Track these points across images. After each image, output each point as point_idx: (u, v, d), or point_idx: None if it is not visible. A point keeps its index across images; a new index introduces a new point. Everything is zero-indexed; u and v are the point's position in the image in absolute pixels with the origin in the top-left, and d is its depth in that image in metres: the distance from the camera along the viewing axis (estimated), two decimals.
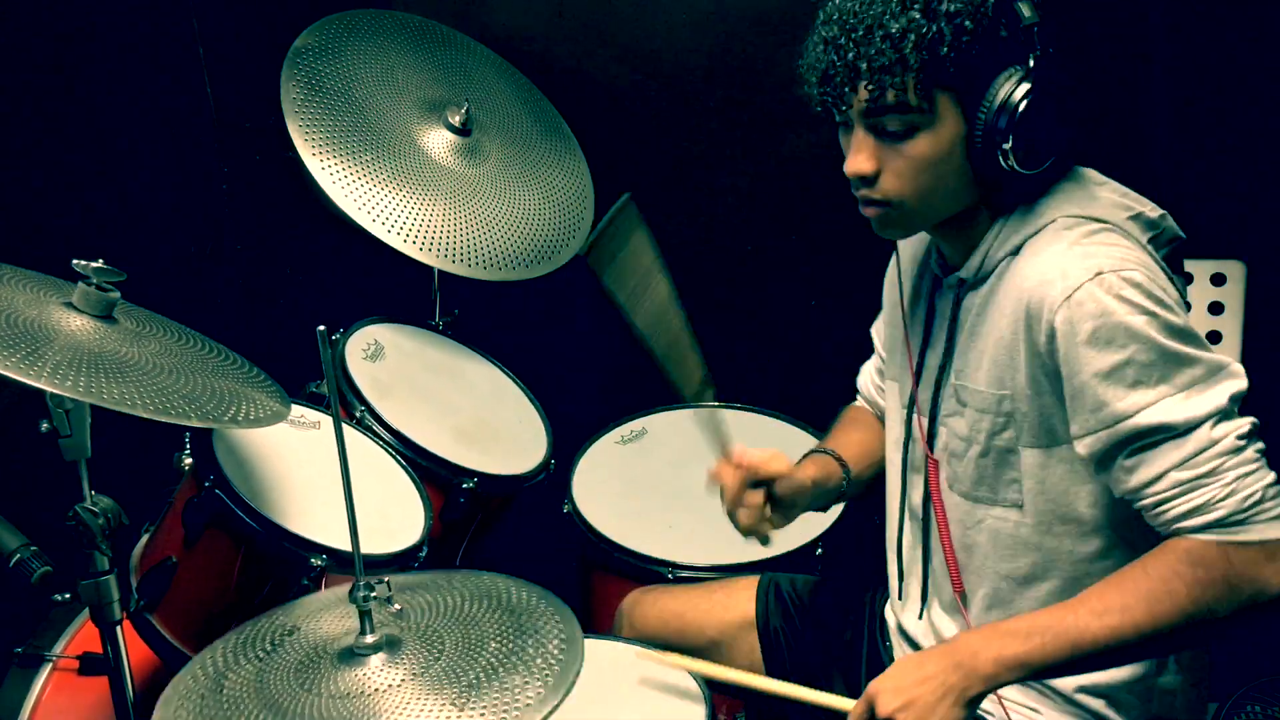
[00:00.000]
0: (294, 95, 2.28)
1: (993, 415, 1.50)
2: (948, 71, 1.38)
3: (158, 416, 1.51)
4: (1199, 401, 1.36)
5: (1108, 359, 1.37)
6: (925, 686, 1.40)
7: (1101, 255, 1.39)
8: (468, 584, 1.53)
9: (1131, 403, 1.37)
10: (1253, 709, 2.31)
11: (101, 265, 1.64)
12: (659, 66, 2.77)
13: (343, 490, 1.38)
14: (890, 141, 1.43)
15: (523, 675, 1.33)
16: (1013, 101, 1.39)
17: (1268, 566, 1.35)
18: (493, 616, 1.45)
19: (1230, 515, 1.35)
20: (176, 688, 1.40)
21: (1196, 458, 1.35)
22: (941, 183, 1.45)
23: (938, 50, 1.37)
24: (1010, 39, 1.39)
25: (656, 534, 2.16)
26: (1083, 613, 1.39)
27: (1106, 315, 1.36)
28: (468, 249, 2.32)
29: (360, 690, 1.33)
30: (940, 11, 1.37)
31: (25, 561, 1.64)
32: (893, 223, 1.51)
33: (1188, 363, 1.36)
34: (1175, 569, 1.36)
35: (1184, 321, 1.39)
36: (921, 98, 1.39)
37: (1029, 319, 1.42)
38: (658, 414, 2.49)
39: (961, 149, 1.43)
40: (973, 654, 1.41)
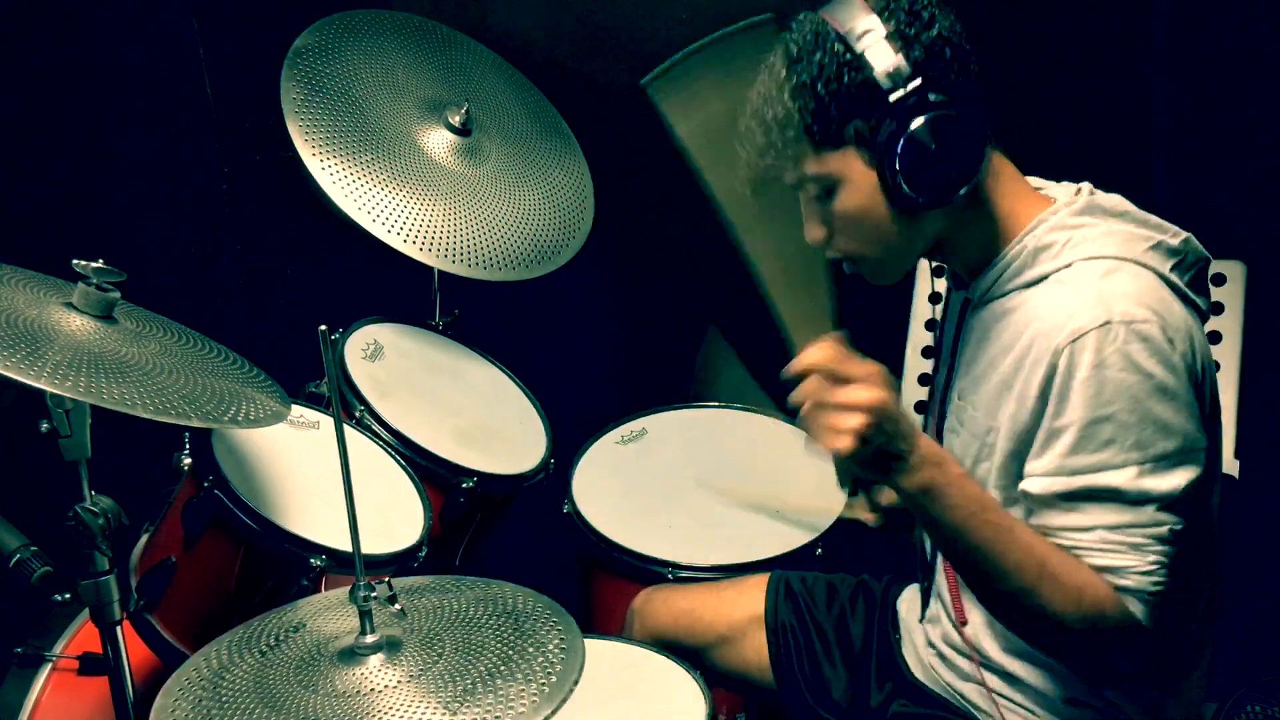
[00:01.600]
0: (294, 95, 2.28)
1: (979, 443, 1.51)
2: (817, 138, 1.43)
3: (158, 416, 1.51)
4: (1159, 480, 1.37)
5: (1093, 411, 1.37)
6: (888, 422, 1.33)
7: (1116, 301, 1.38)
8: (469, 588, 1.53)
9: (1097, 459, 1.38)
10: (1253, 709, 2.31)
11: (101, 265, 1.64)
12: (657, 66, 2.76)
13: (343, 490, 1.38)
14: (821, 205, 1.49)
15: (521, 680, 1.33)
16: (887, 142, 1.41)
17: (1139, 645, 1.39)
18: (493, 620, 1.44)
19: (1135, 589, 1.38)
20: (179, 679, 1.41)
21: (1132, 529, 1.37)
22: (881, 229, 1.47)
23: (803, 121, 1.42)
24: (869, 87, 1.40)
25: (657, 534, 2.16)
26: (1017, 532, 1.38)
27: (1104, 368, 1.36)
28: (468, 249, 2.32)
29: (357, 690, 1.33)
30: (797, 85, 1.42)
31: (25, 561, 1.64)
32: (872, 274, 1.55)
33: (1166, 434, 1.37)
34: (1095, 586, 1.38)
35: (1179, 383, 1.38)
36: (811, 166, 1.45)
37: (1033, 359, 1.42)
38: (658, 414, 2.49)
39: (882, 195, 1.45)
40: (929, 458, 1.36)
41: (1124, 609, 1.38)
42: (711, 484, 2.29)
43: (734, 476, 2.34)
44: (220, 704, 1.34)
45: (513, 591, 1.52)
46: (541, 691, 1.32)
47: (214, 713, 1.33)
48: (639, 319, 2.99)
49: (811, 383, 1.35)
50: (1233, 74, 2.42)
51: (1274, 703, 2.32)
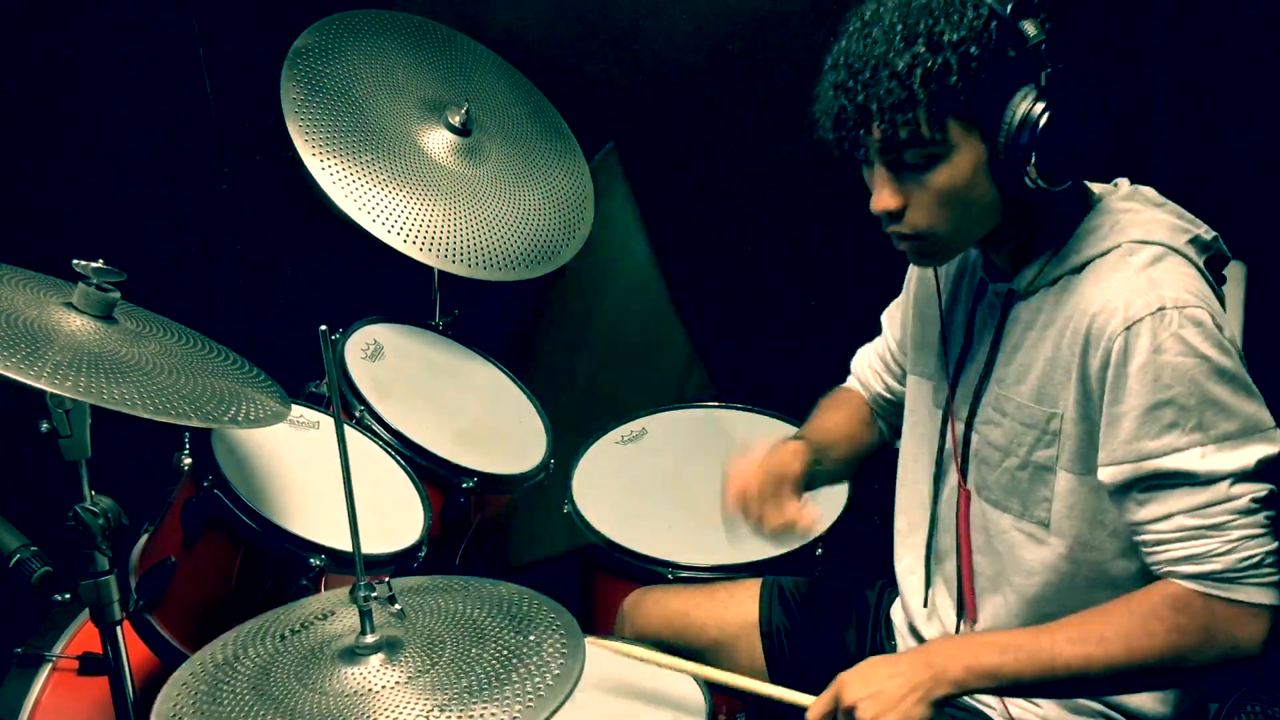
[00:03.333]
0: (294, 95, 2.28)
1: (1038, 431, 1.50)
2: (959, 100, 1.37)
3: (158, 416, 1.51)
4: (1227, 457, 1.37)
5: (1152, 396, 1.37)
6: (893, 681, 1.41)
7: (1166, 287, 1.39)
8: (470, 588, 1.53)
9: (1162, 444, 1.38)
10: (1253, 709, 2.31)
11: (101, 265, 1.64)
12: (659, 66, 2.77)
13: (343, 490, 1.38)
14: (911, 175, 1.43)
15: (521, 680, 1.33)
16: (1030, 120, 1.38)
17: (1248, 627, 1.37)
18: (494, 621, 1.44)
19: (1224, 571, 1.37)
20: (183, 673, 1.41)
21: (1208, 509, 1.37)
22: (969, 209, 1.45)
23: (946, 81, 1.36)
24: (1019, 58, 1.38)
25: (656, 534, 2.16)
26: (1060, 637, 1.41)
27: (1160, 352, 1.37)
28: (468, 249, 2.32)
29: (356, 689, 1.33)
30: (944, 42, 1.36)
31: (25, 561, 1.64)
32: (928, 253, 1.51)
33: (1227, 415, 1.37)
34: (1158, 611, 1.39)
35: (1235, 365, 1.39)
36: (935, 130, 1.38)
37: (1087, 343, 1.42)
38: (658, 414, 2.49)
39: (985, 173, 1.42)
40: (946, 657, 1.43)
41: (1206, 605, 1.37)
42: None
43: None
44: (219, 702, 1.34)
45: (514, 592, 1.52)
46: (542, 691, 1.32)
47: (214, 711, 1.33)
48: None
49: None
50: (1233, 74, 2.42)
51: (1274, 703, 2.31)
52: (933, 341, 1.69)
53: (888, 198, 1.45)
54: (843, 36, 1.43)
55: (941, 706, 1.42)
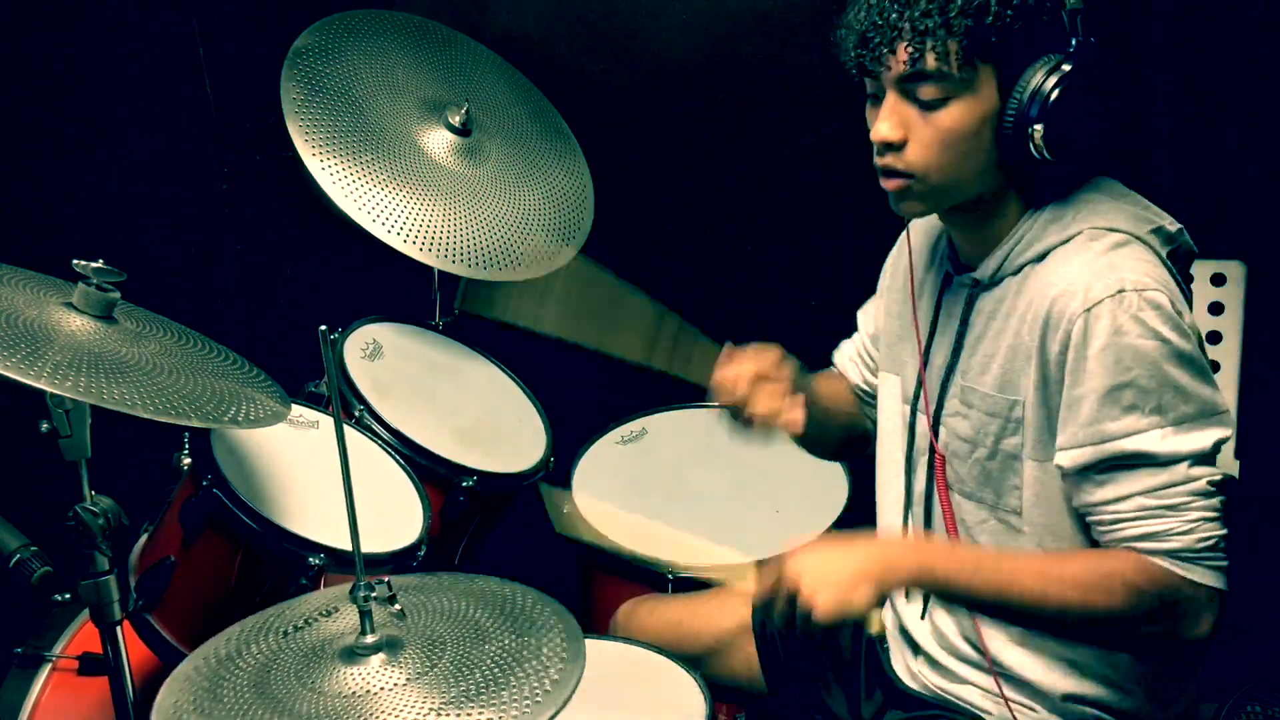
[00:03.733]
0: (294, 95, 2.27)
1: (1002, 419, 1.50)
2: (989, 42, 1.37)
3: (158, 416, 1.51)
4: (1185, 439, 1.38)
5: (1111, 378, 1.38)
6: (841, 563, 1.41)
7: (1126, 271, 1.39)
8: (472, 588, 1.53)
9: (1123, 426, 1.39)
10: (1253, 709, 2.31)
11: (101, 265, 1.64)
12: (659, 66, 2.77)
13: (343, 490, 1.38)
14: (921, 110, 1.42)
15: (522, 681, 1.33)
16: (1048, 86, 1.38)
17: (1199, 608, 1.40)
18: (495, 621, 1.44)
19: (1183, 550, 1.38)
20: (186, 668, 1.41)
21: (1167, 489, 1.38)
22: (966, 160, 1.44)
23: (983, 18, 1.36)
24: (1053, 22, 1.38)
25: (656, 534, 2.16)
26: (1021, 567, 1.42)
27: (1120, 334, 1.37)
28: (468, 249, 2.32)
29: (356, 690, 1.33)
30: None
31: (25, 561, 1.64)
32: (912, 197, 1.49)
33: (1185, 397, 1.38)
34: (1122, 570, 1.40)
35: (1193, 349, 1.40)
36: (962, 64, 1.38)
37: (1046, 327, 1.43)
38: (658, 414, 2.49)
39: (991, 128, 1.42)
40: (901, 552, 1.45)
41: (1168, 579, 1.38)
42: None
43: (733, 476, 2.34)
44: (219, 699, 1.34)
45: (515, 591, 1.52)
46: (543, 693, 1.31)
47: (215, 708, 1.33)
48: None
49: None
50: (1233, 74, 2.42)
51: (1274, 703, 2.31)
52: (903, 338, 1.69)
53: (892, 127, 1.44)
54: None
55: (884, 596, 1.42)
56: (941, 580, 1.43)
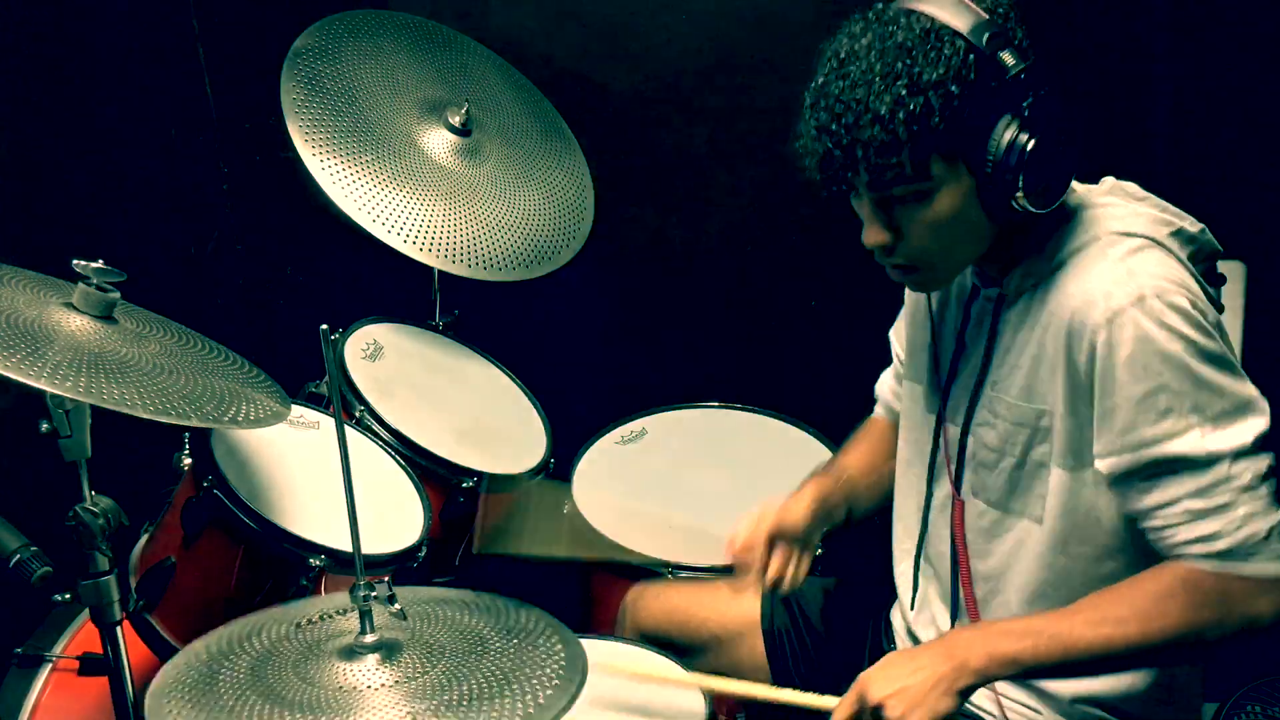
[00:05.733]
0: (294, 95, 2.28)
1: (1030, 429, 1.50)
2: (943, 138, 1.37)
3: (158, 417, 1.51)
4: (1224, 436, 1.37)
5: (1143, 385, 1.38)
6: (916, 676, 1.42)
7: (1145, 276, 1.39)
8: (483, 603, 1.54)
9: (1160, 430, 1.38)
10: (1253, 709, 2.31)
11: (101, 265, 1.64)
12: (659, 67, 2.77)
13: (343, 490, 1.38)
14: (900, 208, 1.43)
15: (509, 700, 1.32)
16: (1016, 148, 1.38)
17: (1261, 599, 1.38)
18: (500, 639, 1.44)
19: (1235, 548, 1.37)
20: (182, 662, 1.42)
21: (1212, 490, 1.37)
22: (960, 237, 1.46)
23: (929, 122, 1.36)
24: (1000, 89, 1.38)
25: (656, 534, 2.16)
26: (1078, 621, 1.41)
27: (1146, 341, 1.37)
28: (468, 249, 2.32)
29: (345, 685, 1.34)
30: (925, 83, 1.35)
31: (25, 562, 1.64)
32: (924, 282, 1.53)
33: (1219, 394, 1.38)
34: (1172, 589, 1.39)
35: (1220, 347, 1.40)
36: (920, 168, 1.39)
37: (1070, 337, 1.43)
38: (658, 414, 2.49)
39: (974, 201, 1.43)
40: (966, 647, 1.43)
41: (1218, 581, 1.38)
42: None
43: (733, 476, 2.34)
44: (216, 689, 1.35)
45: (526, 613, 1.51)
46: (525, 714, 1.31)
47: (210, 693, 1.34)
48: (639, 319, 2.99)
49: None
50: (1233, 74, 2.42)
51: (1274, 703, 2.31)
52: (924, 347, 1.69)
53: (877, 234, 1.46)
54: (819, 73, 1.43)
55: (967, 697, 1.42)
56: (1011, 664, 1.43)
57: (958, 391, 1.62)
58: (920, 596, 1.72)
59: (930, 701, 1.40)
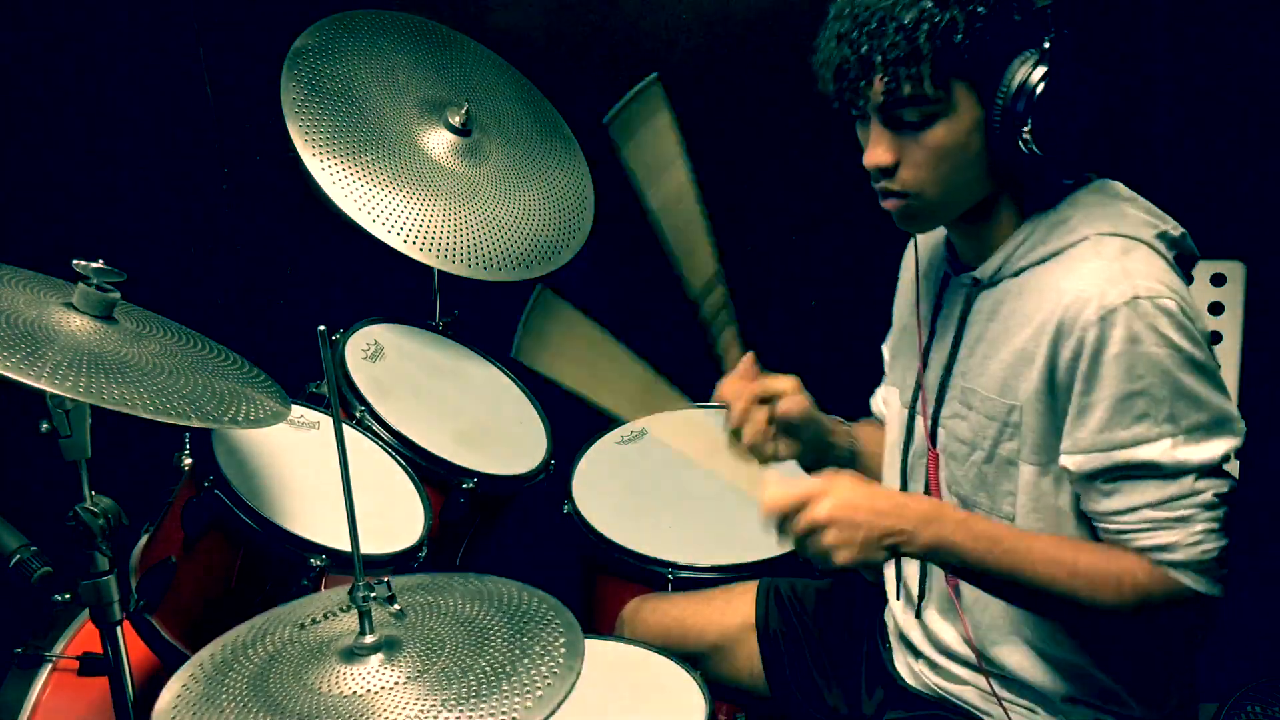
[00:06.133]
0: (294, 95, 2.27)
1: (1000, 423, 1.50)
2: (963, 59, 1.37)
3: (158, 417, 1.51)
4: (1195, 450, 1.38)
5: (1125, 386, 1.38)
6: (869, 517, 1.41)
7: (1139, 278, 1.39)
8: (470, 587, 1.53)
9: (1133, 434, 1.39)
10: (1253, 709, 2.31)
11: (101, 265, 1.64)
12: (659, 67, 2.76)
13: (342, 490, 1.38)
14: (908, 132, 1.42)
15: (521, 680, 1.33)
16: (1030, 84, 1.38)
17: (1199, 616, 1.43)
18: (495, 620, 1.44)
19: (1188, 561, 1.40)
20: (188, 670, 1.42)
21: (1174, 502, 1.39)
22: (961, 172, 1.44)
23: (951, 38, 1.35)
24: (1024, 22, 1.38)
25: (657, 534, 2.16)
26: (1037, 549, 1.43)
27: (1135, 342, 1.37)
28: (468, 249, 2.32)
29: (350, 691, 1.33)
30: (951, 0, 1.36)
31: (25, 561, 1.64)
32: (914, 215, 1.50)
33: (1197, 406, 1.38)
34: (1133, 569, 1.41)
35: (1205, 357, 1.40)
36: (938, 87, 1.38)
37: (1058, 333, 1.42)
38: (658, 414, 2.48)
39: (980, 136, 1.42)
40: (924, 519, 1.42)
41: (1173, 585, 1.40)
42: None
43: None
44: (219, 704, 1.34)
45: (513, 589, 1.52)
46: (544, 688, 1.31)
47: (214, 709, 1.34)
48: (639, 319, 2.99)
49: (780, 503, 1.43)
50: (1233, 74, 2.42)
51: (1274, 703, 2.31)
52: (907, 350, 1.69)
53: (882, 153, 1.45)
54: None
55: (894, 555, 1.43)
56: (956, 556, 1.43)
57: (929, 382, 1.62)
58: (905, 592, 1.72)
59: (866, 549, 1.40)
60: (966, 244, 1.56)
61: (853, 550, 1.40)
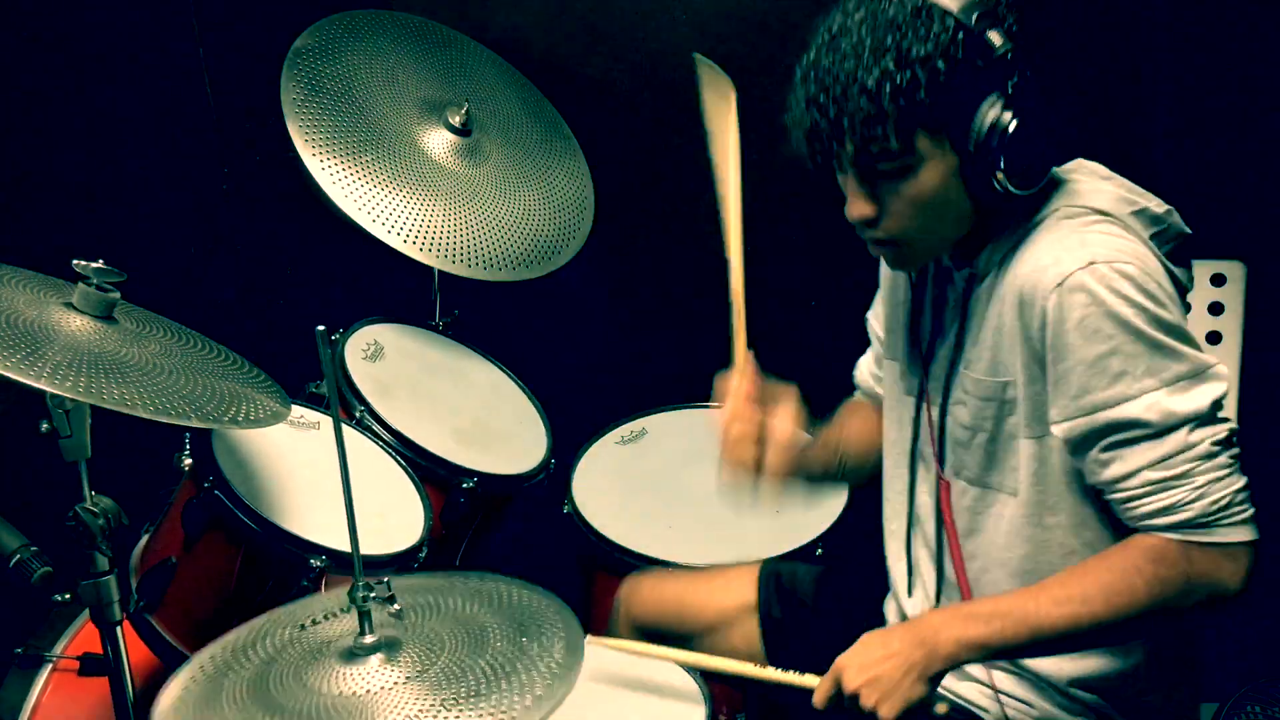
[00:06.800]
0: (294, 95, 2.28)
1: (997, 402, 1.51)
2: (928, 113, 1.39)
3: (158, 417, 1.51)
4: (1180, 400, 1.38)
5: (1094, 348, 1.39)
6: (890, 663, 1.44)
7: (1097, 245, 1.41)
8: (470, 586, 1.53)
9: (1114, 393, 1.39)
10: (1253, 709, 2.31)
11: (101, 265, 1.64)
12: (659, 67, 2.76)
13: (342, 490, 1.38)
14: (885, 183, 1.45)
15: (521, 678, 1.33)
16: (998, 128, 1.40)
17: (1226, 566, 1.39)
18: (494, 619, 1.44)
19: (1196, 517, 1.39)
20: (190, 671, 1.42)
21: (1170, 459, 1.39)
22: (942, 215, 1.47)
23: (915, 96, 1.38)
24: (986, 68, 1.40)
25: (656, 534, 2.16)
26: (1044, 600, 1.43)
27: (1096, 304, 1.38)
28: (468, 249, 2.32)
29: (349, 691, 1.33)
30: (912, 58, 1.37)
31: (25, 561, 1.64)
32: (904, 259, 1.55)
33: (1174, 358, 1.38)
34: (1137, 564, 1.41)
35: (1175, 317, 1.40)
36: (905, 143, 1.41)
37: (1022, 305, 1.44)
38: (658, 414, 2.49)
39: (958, 180, 1.45)
40: (935, 633, 1.45)
41: (1182, 550, 1.39)
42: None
43: None
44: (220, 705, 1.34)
45: (513, 587, 1.52)
46: (543, 687, 1.31)
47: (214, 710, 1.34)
48: (639, 319, 2.99)
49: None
50: (1233, 74, 2.42)
51: (1274, 703, 2.32)
52: (901, 325, 1.70)
53: (862, 206, 1.48)
54: (811, 47, 1.45)
55: (938, 681, 1.45)
56: (980, 648, 1.45)
57: (936, 371, 1.63)
58: (913, 579, 1.73)
59: (903, 690, 1.43)
60: (963, 243, 1.57)
61: (893, 699, 1.43)
